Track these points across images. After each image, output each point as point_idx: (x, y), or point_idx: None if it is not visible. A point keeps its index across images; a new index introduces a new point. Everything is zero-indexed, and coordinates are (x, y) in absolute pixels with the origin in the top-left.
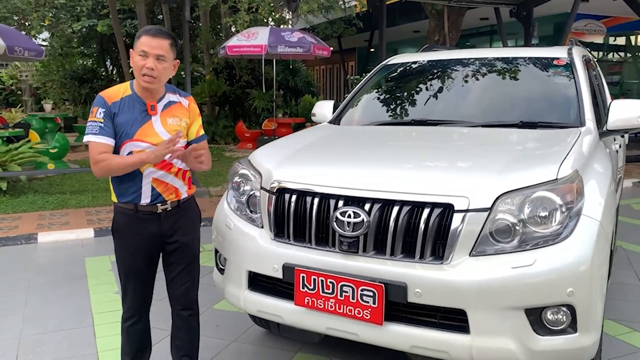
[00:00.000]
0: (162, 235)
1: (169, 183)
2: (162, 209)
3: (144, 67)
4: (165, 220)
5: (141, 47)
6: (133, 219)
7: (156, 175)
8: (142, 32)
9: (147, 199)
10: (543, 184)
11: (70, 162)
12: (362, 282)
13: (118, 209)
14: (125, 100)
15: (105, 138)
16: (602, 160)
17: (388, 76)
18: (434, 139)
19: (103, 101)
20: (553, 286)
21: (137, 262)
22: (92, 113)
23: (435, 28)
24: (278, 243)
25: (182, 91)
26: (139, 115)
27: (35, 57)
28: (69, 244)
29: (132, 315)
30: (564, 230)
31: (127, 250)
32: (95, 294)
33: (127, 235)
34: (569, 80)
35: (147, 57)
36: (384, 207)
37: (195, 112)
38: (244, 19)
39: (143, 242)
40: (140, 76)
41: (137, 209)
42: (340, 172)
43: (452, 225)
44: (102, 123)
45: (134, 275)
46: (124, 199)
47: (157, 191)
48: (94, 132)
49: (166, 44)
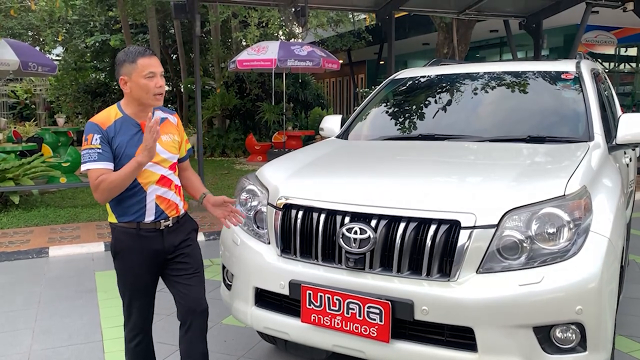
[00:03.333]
0: (164, 251)
1: (171, 199)
2: (165, 226)
3: (155, 87)
4: (167, 236)
5: (147, 68)
6: (136, 238)
7: (160, 192)
8: (137, 56)
9: (152, 217)
10: (550, 200)
11: (82, 176)
12: (368, 299)
13: (119, 229)
14: (118, 123)
15: (104, 163)
16: (611, 175)
17: (395, 91)
18: (441, 154)
19: (97, 127)
20: (561, 304)
21: (142, 279)
22: (86, 141)
23: (444, 41)
24: (285, 259)
25: (166, 108)
26: (134, 135)
27: (49, 72)
28: (79, 258)
29: (138, 333)
30: (572, 247)
31: (131, 270)
32: (105, 308)
33: (130, 254)
34: (577, 94)
35: (155, 76)
36: (390, 223)
37: (182, 128)
38: (254, 33)
39: (146, 259)
40: (153, 97)
41: (140, 227)
42: (346, 188)
43: (459, 242)
44: (99, 149)
45: (139, 293)
46: (125, 219)
47: (160, 208)
48: (92, 159)
49: (159, 61)
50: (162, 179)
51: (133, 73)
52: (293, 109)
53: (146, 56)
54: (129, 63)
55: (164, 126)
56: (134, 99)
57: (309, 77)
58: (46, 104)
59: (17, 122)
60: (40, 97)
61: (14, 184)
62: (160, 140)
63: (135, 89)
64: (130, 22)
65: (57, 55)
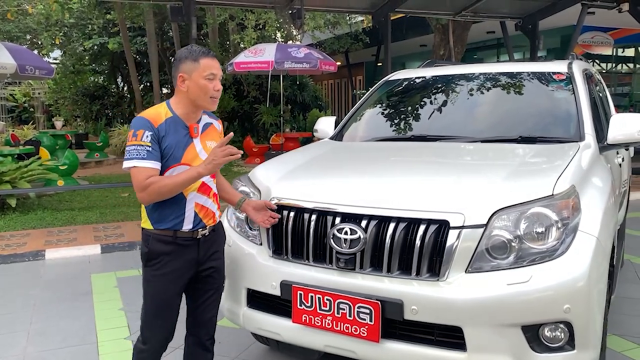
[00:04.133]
0: (198, 261)
1: (209, 208)
2: (202, 234)
3: (213, 89)
4: (202, 246)
5: (209, 69)
6: (172, 246)
7: (199, 200)
8: (201, 55)
9: (190, 225)
10: (539, 200)
11: (79, 179)
12: (358, 299)
13: (154, 237)
14: (169, 123)
15: (153, 162)
16: (601, 175)
17: (389, 92)
18: (432, 155)
19: (149, 124)
20: (549, 303)
21: (173, 290)
22: (136, 136)
23: (440, 42)
24: (276, 260)
25: (211, 114)
26: (183, 138)
27: (46, 75)
28: (76, 260)
29: (159, 349)
30: (560, 246)
31: (164, 278)
32: (100, 310)
33: (165, 262)
34: (568, 95)
35: (215, 79)
36: (381, 223)
37: (222, 135)
38: (251, 35)
39: (181, 268)
40: (210, 99)
41: (177, 235)
42: (337, 189)
43: (448, 242)
44: (149, 147)
45: (167, 305)
46: (162, 226)
47: (199, 217)
48: (140, 156)
49: None
50: (202, 186)
51: (194, 72)
52: (291, 111)
53: (209, 57)
54: (191, 61)
55: (208, 132)
56: (189, 99)
57: (307, 79)
58: (44, 107)
59: (15, 126)
60: (38, 101)
61: (11, 187)
62: (205, 145)
63: (194, 89)
64: (129, 25)
65: (54, 59)
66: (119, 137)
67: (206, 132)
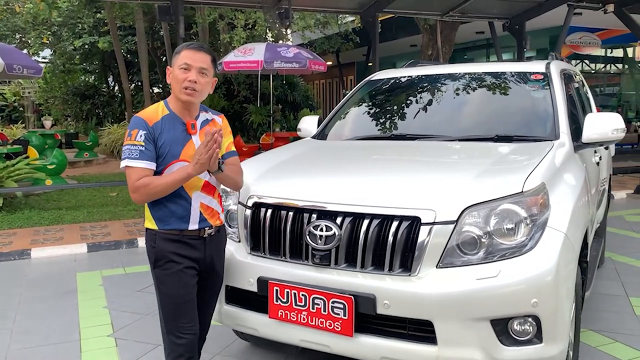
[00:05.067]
0: (204, 261)
1: (214, 208)
2: (208, 234)
3: (185, 80)
4: (209, 245)
5: (184, 60)
6: (179, 244)
7: (204, 200)
8: (183, 47)
9: (195, 225)
10: (508, 196)
11: (68, 178)
12: (333, 294)
13: (160, 236)
14: (165, 120)
15: (146, 162)
16: (574, 173)
17: (371, 92)
18: (409, 153)
19: (144, 123)
20: (517, 297)
21: (187, 287)
22: (130, 136)
23: (428, 42)
24: (253, 257)
25: (212, 110)
26: (180, 134)
27: (34, 74)
28: (61, 259)
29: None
30: (529, 242)
31: (175, 276)
32: (84, 308)
33: (174, 261)
34: (545, 94)
35: (189, 70)
36: (355, 220)
37: (227, 129)
38: (241, 35)
39: (191, 266)
40: (182, 90)
41: (183, 234)
42: (314, 186)
43: (419, 238)
44: (143, 146)
45: (186, 304)
46: (167, 226)
47: (204, 216)
48: (133, 156)
49: (208, 59)
50: (206, 186)
51: (174, 63)
52: (282, 111)
53: (191, 49)
54: (175, 54)
55: (207, 128)
56: (173, 93)
57: (297, 78)
58: (35, 107)
59: (5, 125)
60: (29, 100)
61: None
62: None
63: (172, 81)
64: (119, 24)
65: (42, 58)
66: (109, 137)
67: (206, 128)
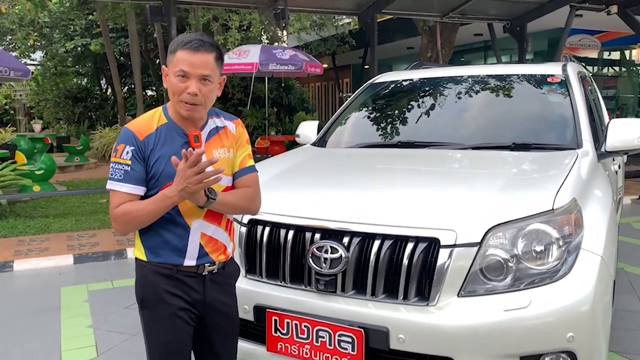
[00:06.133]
0: (203, 303)
1: (220, 240)
2: (209, 271)
3: (184, 91)
4: (210, 285)
5: (179, 65)
6: (172, 280)
7: (207, 230)
8: (179, 45)
9: (192, 261)
10: (538, 215)
11: (57, 184)
12: (340, 326)
13: (149, 269)
14: (161, 131)
15: (130, 186)
16: (602, 186)
17: (375, 95)
18: (420, 163)
19: (132, 137)
20: (551, 331)
21: (181, 335)
22: (116, 152)
23: (427, 44)
24: (249, 281)
25: (226, 113)
26: (180, 148)
27: (22, 77)
28: (46, 272)
29: None
30: (562, 266)
31: (166, 321)
32: (67, 328)
33: (164, 302)
34: (564, 99)
35: (188, 78)
36: (364, 241)
37: (244, 138)
38: (235, 37)
39: (186, 308)
40: (179, 103)
41: (178, 269)
42: (317, 202)
43: (438, 262)
44: (128, 166)
45: (179, 356)
46: (158, 259)
47: (205, 250)
48: (117, 177)
49: (211, 59)
50: (211, 212)
51: (170, 66)
52: (277, 114)
53: (189, 49)
54: (170, 52)
55: (219, 138)
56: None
57: (293, 81)
58: (26, 110)
59: None
60: (20, 103)
61: None
62: (212, 155)
63: (169, 89)
64: (112, 26)
65: (32, 60)
66: (100, 140)
67: (214, 139)
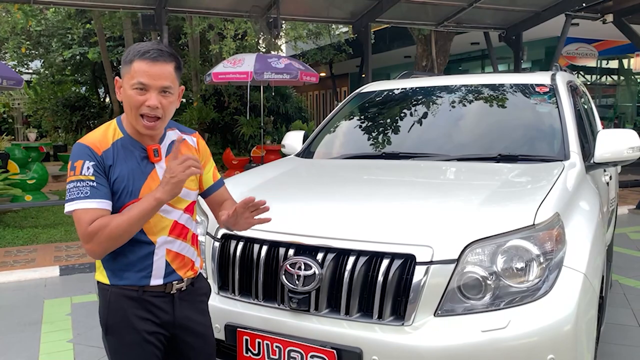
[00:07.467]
0: (173, 324)
1: (187, 256)
2: (177, 289)
3: (142, 105)
4: (179, 303)
5: (137, 77)
6: (139, 303)
7: (172, 246)
8: (135, 55)
9: (159, 280)
10: (518, 230)
11: (50, 193)
12: (311, 347)
13: (113, 292)
14: (117, 146)
15: (100, 202)
16: (589, 198)
17: (362, 106)
18: (402, 175)
19: (90, 152)
20: (531, 352)
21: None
22: (73, 170)
23: (423, 53)
24: (222, 298)
25: (182, 126)
26: (140, 164)
27: (15, 85)
28: (31, 284)
29: None
30: (542, 284)
31: (132, 348)
32: (47, 343)
33: (132, 327)
34: (552, 109)
35: (147, 91)
36: (339, 257)
37: (207, 151)
38: (230, 45)
39: (154, 332)
40: (138, 117)
41: (144, 290)
42: (291, 216)
43: (414, 280)
44: (92, 181)
45: None
46: (122, 282)
47: (171, 267)
48: (82, 195)
49: (171, 69)
50: (175, 227)
51: (125, 77)
52: (274, 123)
53: (146, 58)
54: (125, 62)
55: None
56: (127, 116)
57: (289, 90)
58: (24, 118)
59: None
60: (18, 111)
61: None
62: None
63: (124, 102)
64: (108, 35)
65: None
66: None
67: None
